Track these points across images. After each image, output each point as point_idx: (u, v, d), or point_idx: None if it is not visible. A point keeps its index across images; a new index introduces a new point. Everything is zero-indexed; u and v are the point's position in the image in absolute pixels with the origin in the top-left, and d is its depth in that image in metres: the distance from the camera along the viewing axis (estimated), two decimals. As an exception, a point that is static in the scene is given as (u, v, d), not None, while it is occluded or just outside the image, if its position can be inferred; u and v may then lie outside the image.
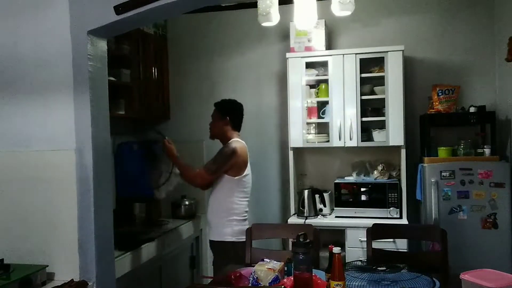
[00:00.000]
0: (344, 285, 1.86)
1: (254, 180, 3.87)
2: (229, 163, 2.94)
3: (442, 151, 3.38)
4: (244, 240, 2.75)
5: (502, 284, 1.74)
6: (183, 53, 4.19)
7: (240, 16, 4.02)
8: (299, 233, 1.93)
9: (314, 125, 3.79)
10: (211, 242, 3.06)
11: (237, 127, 3.13)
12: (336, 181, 3.61)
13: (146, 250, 3.00)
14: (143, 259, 2.95)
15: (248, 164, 3.06)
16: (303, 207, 3.58)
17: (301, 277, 1.88)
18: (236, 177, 2.97)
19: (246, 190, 3.05)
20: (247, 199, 3.06)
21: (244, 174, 3.01)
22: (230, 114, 3.10)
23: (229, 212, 2.97)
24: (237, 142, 3.02)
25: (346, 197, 3.55)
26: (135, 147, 3.63)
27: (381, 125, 3.51)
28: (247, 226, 2.93)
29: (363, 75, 3.52)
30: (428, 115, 3.49)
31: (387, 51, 3.42)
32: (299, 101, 3.60)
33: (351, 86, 3.50)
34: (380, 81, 3.50)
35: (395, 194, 3.43)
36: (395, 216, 3.42)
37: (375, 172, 3.59)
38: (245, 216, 3.04)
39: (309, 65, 3.65)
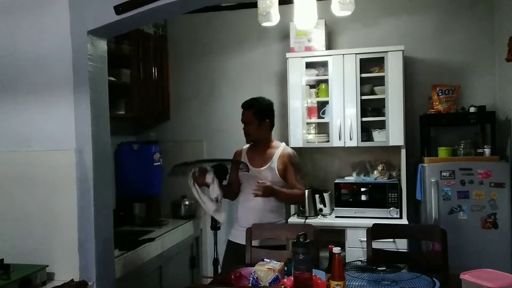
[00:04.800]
0: (344, 285, 1.86)
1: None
2: None
3: (442, 151, 3.38)
4: None
5: (502, 284, 1.74)
6: (183, 53, 4.19)
7: (240, 16, 4.02)
8: (299, 233, 1.93)
9: (314, 125, 3.79)
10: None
11: (273, 126, 2.92)
12: (336, 181, 3.61)
13: (146, 250, 2.99)
14: (143, 259, 2.94)
15: None
16: (303, 207, 3.58)
17: (301, 277, 1.88)
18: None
19: None
20: None
21: None
22: (270, 116, 2.86)
23: (281, 213, 2.88)
24: (289, 147, 2.94)
25: (346, 197, 3.55)
26: (135, 147, 3.62)
27: (381, 125, 3.51)
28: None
29: (363, 75, 3.52)
30: (428, 115, 3.49)
31: (387, 51, 3.43)
32: (299, 101, 3.60)
33: (351, 86, 3.50)
34: (380, 81, 3.50)
35: (395, 194, 3.43)
36: (395, 216, 3.42)
37: (375, 172, 3.59)
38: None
39: (309, 65, 3.65)
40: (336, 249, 1.89)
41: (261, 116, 2.80)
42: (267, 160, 2.81)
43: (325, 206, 3.62)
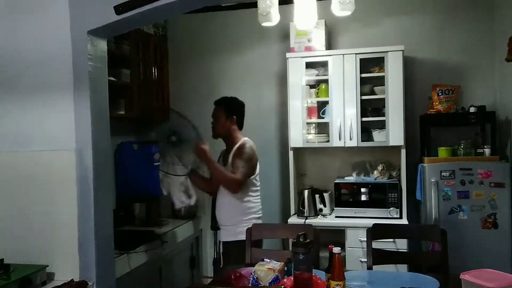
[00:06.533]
0: (344, 285, 1.86)
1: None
2: (253, 165, 2.93)
3: (442, 151, 3.38)
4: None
5: (502, 284, 1.74)
6: (183, 53, 4.19)
7: (240, 16, 4.02)
8: (299, 233, 1.93)
9: (314, 125, 3.79)
10: (227, 243, 2.99)
11: (241, 126, 3.10)
12: (336, 181, 3.61)
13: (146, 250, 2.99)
14: (143, 259, 2.95)
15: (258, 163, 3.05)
16: (303, 207, 3.58)
17: (301, 277, 1.88)
18: (251, 177, 2.96)
19: (259, 188, 3.05)
20: (259, 196, 3.05)
21: (257, 173, 3.01)
22: (236, 113, 3.05)
23: (247, 212, 2.95)
24: (249, 141, 3.00)
25: (346, 197, 3.55)
26: (135, 147, 3.62)
27: (381, 125, 3.51)
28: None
29: (363, 75, 3.52)
30: (428, 115, 3.49)
31: (387, 51, 3.43)
32: (299, 101, 3.60)
33: (351, 86, 3.50)
34: (380, 81, 3.50)
35: (395, 194, 3.43)
36: (395, 216, 3.42)
37: (375, 172, 3.59)
38: (261, 213, 3.04)
39: (309, 65, 3.65)
40: (336, 249, 1.89)
41: (229, 111, 3.00)
42: (229, 158, 2.96)
43: (325, 206, 3.62)
